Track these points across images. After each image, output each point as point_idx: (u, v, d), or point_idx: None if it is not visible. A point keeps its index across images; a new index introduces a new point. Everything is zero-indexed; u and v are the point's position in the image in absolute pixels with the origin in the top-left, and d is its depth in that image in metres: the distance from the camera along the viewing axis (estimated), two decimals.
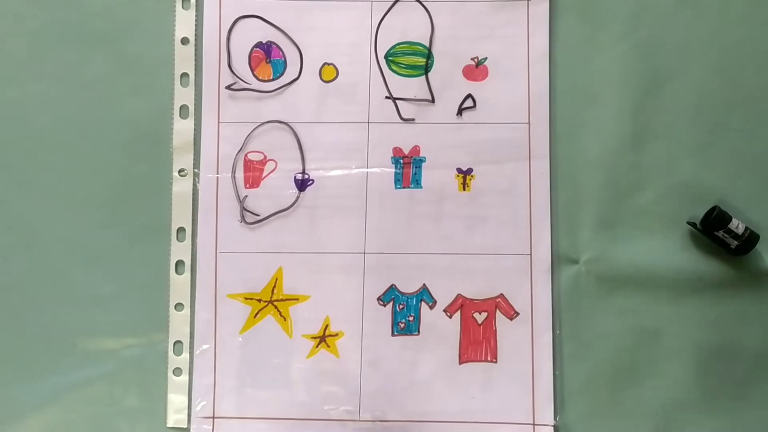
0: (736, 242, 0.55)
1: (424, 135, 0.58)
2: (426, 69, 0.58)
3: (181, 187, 0.58)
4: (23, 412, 0.57)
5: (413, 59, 0.58)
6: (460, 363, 0.57)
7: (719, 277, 0.57)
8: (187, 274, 0.57)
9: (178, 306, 0.57)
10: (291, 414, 0.57)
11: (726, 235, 0.55)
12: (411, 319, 0.57)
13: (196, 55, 0.58)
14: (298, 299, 0.57)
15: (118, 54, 0.58)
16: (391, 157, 0.58)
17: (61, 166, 0.58)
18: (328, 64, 0.58)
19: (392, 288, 0.57)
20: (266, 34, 0.58)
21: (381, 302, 0.57)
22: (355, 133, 0.58)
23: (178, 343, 0.57)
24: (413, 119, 0.58)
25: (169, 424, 0.57)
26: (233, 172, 0.58)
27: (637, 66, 0.58)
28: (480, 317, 0.57)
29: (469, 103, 0.58)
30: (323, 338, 0.57)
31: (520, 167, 0.57)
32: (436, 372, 0.57)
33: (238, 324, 0.57)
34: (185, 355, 0.57)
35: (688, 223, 0.57)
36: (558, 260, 0.57)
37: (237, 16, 0.58)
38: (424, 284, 0.57)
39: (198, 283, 0.57)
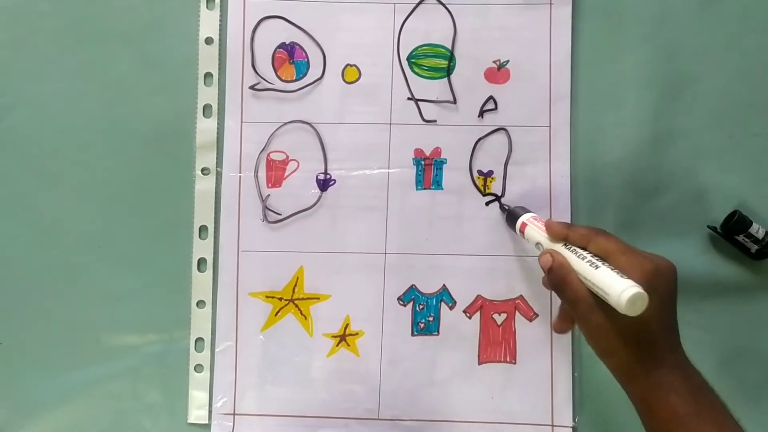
0: (756, 246, 0.55)
1: (445, 137, 0.58)
2: (448, 71, 0.58)
3: (203, 186, 0.58)
4: (46, 406, 0.57)
5: (435, 61, 0.58)
6: (479, 363, 0.57)
7: (739, 281, 0.57)
8: (209, 272, 0.58)
9: (200, 303, 0.58)
10: (311, 412, 0.57)
11: (746, 240, 0.55)
12: (431, 319, 0.58)
13: (219, 54, 0.58)
14: (318, 298, 0.58)
15: (143, 53, 0.58)
16: (413, 159, 0.58)
17: (84, 164, 0.58)
18: (351, 66, 0.58)
19: (412, 288, 0.58)
20: (290, 34, 0.58)
21: (401, 302, 0.58)
22: (377, 134, 0.58)
23: (199, 340, 0.58)
24: (435, 121, 0.58)
25: (190, 420, 0.57)
26: (256, 171, 0.58)
27: (659, 69, 0.58)
28: (499, 318, 0.58)
29: (490, 105, 0.58)
30: (343, 337, 0.58)
31: (541, 170, 0.57)
32: (456, 372, 0.57)
33: (259, 322, 0.58)
34: (207, 352, 0.58)
35: (709, 227, 0.57)
36: None
37: (261, 17, 0.58)
38: (444, 285, 0.58)
39: (220, 281, 0.58)
